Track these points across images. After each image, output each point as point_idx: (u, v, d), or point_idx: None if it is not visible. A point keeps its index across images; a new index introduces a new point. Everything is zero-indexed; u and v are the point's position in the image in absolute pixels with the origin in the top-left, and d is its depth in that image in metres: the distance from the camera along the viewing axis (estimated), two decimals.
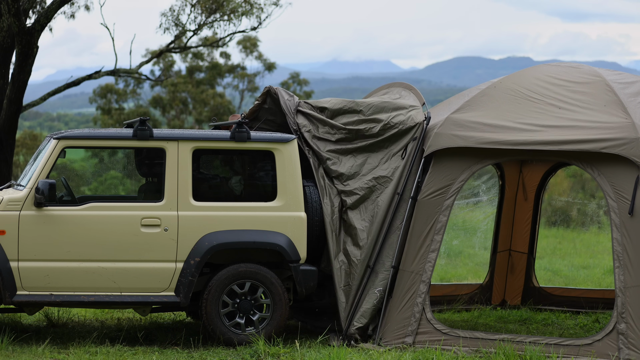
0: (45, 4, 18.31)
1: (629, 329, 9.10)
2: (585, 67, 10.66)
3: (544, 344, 9.34)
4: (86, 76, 20.99)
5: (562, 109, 9.93)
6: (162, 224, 9.76)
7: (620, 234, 9.32)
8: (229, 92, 53.28)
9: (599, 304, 12.15)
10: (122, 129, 10.19)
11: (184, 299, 9.72)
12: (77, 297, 9.64)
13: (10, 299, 9.56)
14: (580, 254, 19.56)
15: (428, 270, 9.79)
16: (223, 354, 9.51)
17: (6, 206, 9.60)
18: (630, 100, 9.89)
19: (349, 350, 9.46)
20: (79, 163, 42.74)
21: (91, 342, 9.80)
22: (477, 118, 10.06)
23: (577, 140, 9.54)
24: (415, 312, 9.72)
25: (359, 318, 9.85)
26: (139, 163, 10.47)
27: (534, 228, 12.69)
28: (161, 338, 10.20)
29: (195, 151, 9.96)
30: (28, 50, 15.30)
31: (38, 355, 9.29)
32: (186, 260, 9.74)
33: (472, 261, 17.45)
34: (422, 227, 9.91)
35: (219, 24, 23.73)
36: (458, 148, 9.96)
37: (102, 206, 9.75)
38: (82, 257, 9.64)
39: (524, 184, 12.62)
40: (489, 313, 12.18)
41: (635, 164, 9.34)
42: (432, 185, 9.96)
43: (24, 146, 43.84)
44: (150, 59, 24.99)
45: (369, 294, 9.91)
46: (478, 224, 14.50)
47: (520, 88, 10.31)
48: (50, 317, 10.95)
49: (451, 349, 9.47)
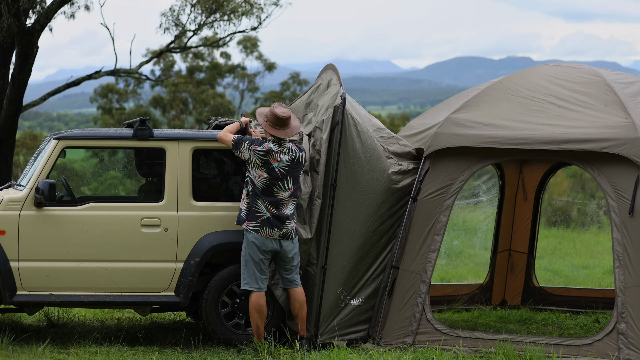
0: (45, 4, 18.32)
1: (629, 329, 9.10)
2: (585, 67, 10.66)
3: (544, 344, 9.34)
4: (86, 76, 21.00)
5: (562, 109, 9.94)
6: (162, 224, 9.77)
7: (620, 234, 9.32)
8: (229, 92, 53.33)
9: (599, 304, 12.15)
10: (122, 129, 10.20)
11: (184, 299, 9.72)
12: (77, 297, 9.65)
13: (10, 299, 9.56)
14: (580, 254, 19.56)
15: (428, 271, 9.79)
16: (223, 354, 9.51)
17: (6, 206, 9.61)
18: (630, 100, 9.89)
19: (349, 350, 9.46)
20: (79, 163, 42.76)
21: (91, 342, 9.80)
22: (477, 118, 10.06)
23: (577, 139, 9.54)
24: (415, 312, 9.72)
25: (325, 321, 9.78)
26: (139, 163, 10.47)
27: (534, 228, 12.69)
28: (161, 338, 10.20)
29: (195, 151, 9.96)
30: (28, 50, 15.31)
31: (38, 355, 9.30)
32: (186, 260, 9.74)
33: (472, 261, 17.45)
34: (422, 227, 9.90)
35: (219, 24, 23.75)
36: (458, 148, 9.96)
37: (102, 206, 9.76)
38: (82, 257, 9.64)
39: (524, 184, 12.62)
40: (489, 313, 12.18)
41: (635, 163, 9.34)
42: (432, 185, 9.96)
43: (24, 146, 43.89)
44: (151, 59, 25.02)
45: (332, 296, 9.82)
46: (478, 224, 14.50)
47: (520, 88, 10.31)
48: (50, 317, 10.96)
49: (451, 349, 9.47)
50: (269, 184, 9.42)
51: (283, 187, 9.45)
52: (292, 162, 9.48)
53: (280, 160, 9.44)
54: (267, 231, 9.42)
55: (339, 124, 9.80)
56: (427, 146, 10.12)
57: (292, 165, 9.48)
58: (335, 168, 9.78)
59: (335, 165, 9.79)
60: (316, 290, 9.74)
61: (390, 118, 58.02)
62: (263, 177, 9.43)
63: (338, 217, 9.80)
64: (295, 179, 9.53)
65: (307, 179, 9.83)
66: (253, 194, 9.45)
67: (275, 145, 9.48)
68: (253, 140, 9.52)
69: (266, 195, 9.43)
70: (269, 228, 9.42)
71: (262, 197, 9.43)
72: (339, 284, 9.81)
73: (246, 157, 9.47)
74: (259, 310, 9.46)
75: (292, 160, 9.48)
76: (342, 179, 9.82)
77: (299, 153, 9.54)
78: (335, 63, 10.62)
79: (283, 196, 9.45)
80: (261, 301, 9.47)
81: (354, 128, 9.90)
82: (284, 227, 9.46)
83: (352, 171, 9.86)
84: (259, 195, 9.43)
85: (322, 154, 9.82)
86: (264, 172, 9.43)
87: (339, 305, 9.82)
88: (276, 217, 9.43)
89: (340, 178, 9.81)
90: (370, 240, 9.95)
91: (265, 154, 9.42)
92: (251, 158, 9.45)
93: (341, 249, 9.81)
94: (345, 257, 9.83)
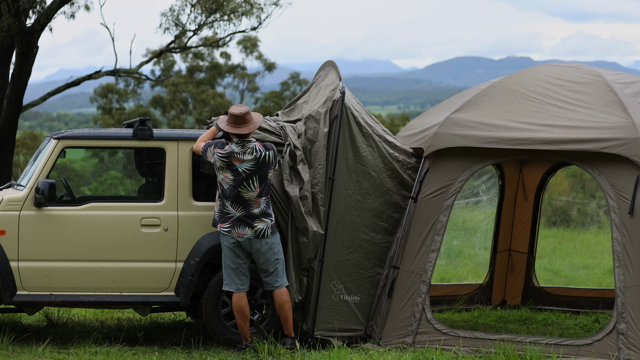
0: (45, 4, 18.32)
1: (629, 329, 9.10)
2: (585, 67, 10.66)
3: (544, 344, 9.34)
4: (86, 76, 21.00)
5: (562, 109, 9.93)
6: (162, 224, 9.77)
7: (620, 234, 9.32)
8: (229, 92, 53.36)
9: (599, 304, 12.15)
10: (122, 129, 10.20)
11: (184, 299, 9.72)
12: (77, 297, 9.65)
13: (10, 299, 9.56)
14: (580, 254, 19.56)
15: (428, 271, 9.79)
16: (223, 354, 9.51)
17: (6, 206, 9.61)
18: (630, 100, 9.89)
19: (349, 350, 9.46)
20: (79, 163, 42.76)
21: (91, 342, 9.80)
22: (477, 118, 10.06)
23: (577, 139, 9.54)
24: (415, 312, 9.72)
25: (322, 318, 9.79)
26: (139, 163, 10.47)
27: (534, 228, 12.69)
28: (161, 338, 10.20)
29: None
30: (28, 50, 15.30)
31: (38, 355, 9.30)
32: (186, 260, 9.74)
33: (472, 261, 17.44)
34: (422, 227, 9.90)
35: (219, 24, 23.75)
36: (458, 148, 9.96)
37: (102, 206, 9.76)
38: (82, 257, 9.64)
39: (524, 184, 12.62)
40: (489, 313, 12.18)
41: (635, 163, 9.34)
42: (432, 185, 9.96)
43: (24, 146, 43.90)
44: (151, 59, 25.01)
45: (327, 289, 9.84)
46: (478, 224, 14.50)
47: (520, 88, 10.31)
48: (50, 317, 10.96)
49: (451, 349, 9.47)
50: (235, 185, 9.41)
51: (248, 187, 9.44)
52: (256, 161, 9.47)
53: (243, 160, 9.44)
54: (239, 230, 9.44)
55: (337, 117, 9.82)
56: (427, 146, 10.12)
57: (257, 164, 9.47)
58: (333, 161, 9.80)
59: (333, 158, 9.81)
60: (314, 283, 9.77)
61: (390, 118, 58.04)
62: (228, 179, 9.44)
63: (334, 211, 9.82)
64: (262, 179, 9.49)
65: (305, 168, 9.84)
66: (222, 196, 9.48)
67: (237, 147, 9.48)
68: (217, 143, 9.53)
69: (233, 197, 9.43)
70: (239, 227, 9.43)
71: (229, 198, 9.44)
72: (332, 278, 9.84)
73: (212, 161, 9.49)
74: (239, 310, 9.51)
75: (257, 159, 9.47)
76: (338, 173, 9.85)
77: (265, 152, 9.53)
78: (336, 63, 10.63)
79: (250, 197, 9.44)
80: (241, 302, 9.50)
81: (354, 122, 9.93)
82: (255, 226, 9.45)
83: (347, 166, 9.89)
84: (227, 197, 9.45)
85: (321, 147, 9.84)
86: (229, 173, 9.44)
87: (333, 299, 9.83)
88: (245, 217, 9.44)
89: (337, 172, 9.84)
90: (363, 236, 9.96)
91: (227, 155, 9.44)
92: (216, 162, 9.46)
93: (335, 243, 9.84)
94: (338, 251, 9.86)
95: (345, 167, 9.91)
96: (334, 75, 10.32)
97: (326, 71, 10.58)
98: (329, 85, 10.25)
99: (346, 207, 9.90)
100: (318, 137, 9.89)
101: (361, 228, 9.97)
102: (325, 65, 10.68)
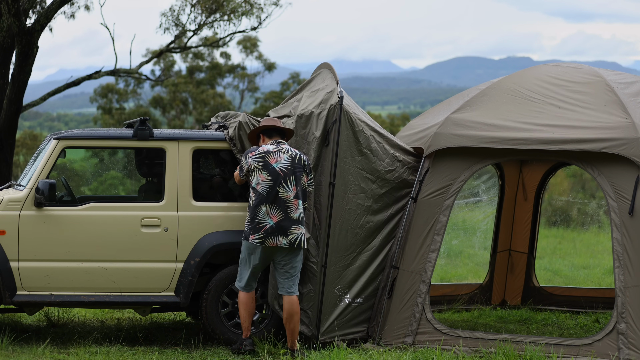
0: (45, 4, 18.32)
1: (629, 329, 9.10)
2: (585, 67, 10.66)
3: (544, 344, 9.34)
4: (86, 76, 21.01)
5: (562, 109, 9.94)
6: (162, 224, 9.77)
7: (620, 234, 9.32)
8: (229, 92, 53.35)
9: (599, 304, 12.16)
10: (122, 129, 10.20)
11: (184, 299, 9.72)
12: (77, 297, 9.65)
13: (10, 299, 9.56)
14: (580, 254, 19.56)
15: (428, 270, 9.79)
16: (223, 354, 9.51)
17: (6, 206, 9.61)
18: (630, 100, 9.89)
19: (349, 350, 9.46)
20: (79, 163, 42.77)
21: (91, 342, 9.81)
22: (477, 118, 10.07)
23: (577, 139, 9.55)
24: (415, 312, 9.72)
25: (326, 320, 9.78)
26: (139, 163, 10.47)
27: (534, 228, 12.70)
28: (161, 338, 10.20)
29: (196, 151, 9.96)
30: (28, 50, 15.31)
31: (38, 355, 9.30)
32: (186, 261, 9.74)
33: (472, 261, 17.45)
34: (422, 227, 9.90)
35: (219, 24, 23.76)
36: (458, 148, 9.96)
37: (102, 206, 9.76)
38: (82, 257, 9.64)
39: (524, 184, 12.63)
40: (489, 313, 12.18)
41: (635, 163, 9.34)
42: (432, 185, 9.96)
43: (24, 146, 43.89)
44: (151, 59, 25.02)
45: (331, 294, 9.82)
46: (478, 224, 14.51)
47: (520, 88, 10.31)
48: (50, 317, 10.96)
49: (451, 349, 9.47)
50: (273, 185, 9.30)
51: (286, 186, 9.33)
52: (292, 160, 9.43)
53: (280, 159, 9.41)
54: (273, 240, 9.27)
55: (336, 122, 9.80)
56: (427, 146, 10.12)
57: (293, 164, 9.42)
58: (334, 167, 9.79)
59: (333, 164, 9.79)
60: (317, 289, 9.74)
61: (390, 118, 58.08)
62: (265, 180, 9.33)
63: (334, 216, 9.81)
64: (298, 179, 9.40)
65: None
66: (256, 203, 9.28)
67: (272, 147, 9.46)
68: (247, 150, 9.51)
69: (272, 199, 9.27)
70: (273, 237, 9.24)
71: (267, 202, 9.28)
72: (336, 283, 9.82)
73: (250, 168, 9.36)
74: (245, 305, 9.47)
75: (292, 158, 9.43)
76: (339, 178, 9.83)
77: (299, 153, 9.51)
78: (335, 63, 10.61)
79: (288, 197, 9.31)
80: (246, 299, 9.46)
81: (352, 125, 9.91)
82: (291, 233, 9.26)
83: (347, 170, 9.87)
84: (264, 201, 9.27)
85: (313, 151, 9.81)
86: (265, 174, 9.34)
87: (337, 304, 9.82)
88: (281, 222, 9.26)
89: (337, 177, 9.82)
90: (365, 239, 9.95)
91: (262, 155, 9.39)
92: (251, 166, 9.38)
93: (337, 248, 9.82)
94: (341, 256, 9.84)
95: (345, 172, 9.88)
96: (330, 78, 10.28)
97: (322, 75, 10.51)
98: (323, 88, 10.20)
99: (348, 211, 9.89)
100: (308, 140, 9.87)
101: (363, 232, 9.96)
102: (321, 68, 10.64)
